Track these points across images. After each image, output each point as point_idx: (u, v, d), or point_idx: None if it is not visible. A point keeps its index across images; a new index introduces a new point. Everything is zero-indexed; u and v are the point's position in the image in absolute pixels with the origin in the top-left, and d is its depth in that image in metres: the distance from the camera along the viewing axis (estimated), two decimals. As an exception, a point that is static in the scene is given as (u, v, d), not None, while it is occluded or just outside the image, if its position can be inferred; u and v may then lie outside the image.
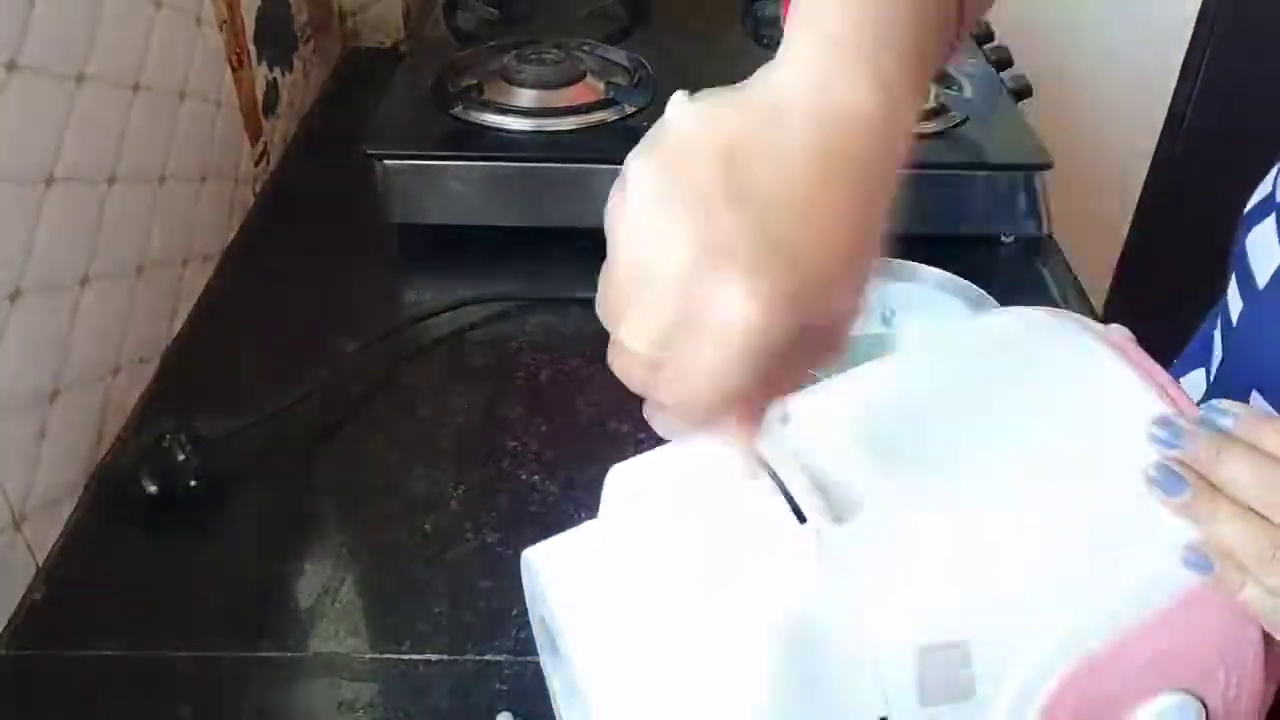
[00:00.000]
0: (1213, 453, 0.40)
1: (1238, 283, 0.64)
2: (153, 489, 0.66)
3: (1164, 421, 0.41)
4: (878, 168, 0.36)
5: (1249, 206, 0.64)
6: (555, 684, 0.48)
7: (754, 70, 0.37)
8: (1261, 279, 0.61)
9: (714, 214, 0.33)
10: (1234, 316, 0.63)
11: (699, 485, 0.42)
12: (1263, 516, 0.39)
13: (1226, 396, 0.61)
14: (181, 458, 0.66)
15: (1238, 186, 0.65)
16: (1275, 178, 0.61)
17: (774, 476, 0.40)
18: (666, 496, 0.42)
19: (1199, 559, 0.39)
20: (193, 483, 0.66)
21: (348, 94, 1.18)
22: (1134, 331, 0.48)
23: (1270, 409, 0.59)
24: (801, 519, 0.39)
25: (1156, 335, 0.70)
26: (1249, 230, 0.63)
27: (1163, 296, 0.68)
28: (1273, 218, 0.61)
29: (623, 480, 0.44)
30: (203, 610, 0.61)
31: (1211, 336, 0.67)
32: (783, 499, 0.39)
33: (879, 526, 0.39)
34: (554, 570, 0.42)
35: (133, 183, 0.74)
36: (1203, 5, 1.42)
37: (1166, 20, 1.43)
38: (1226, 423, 0.41)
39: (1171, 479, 0.40)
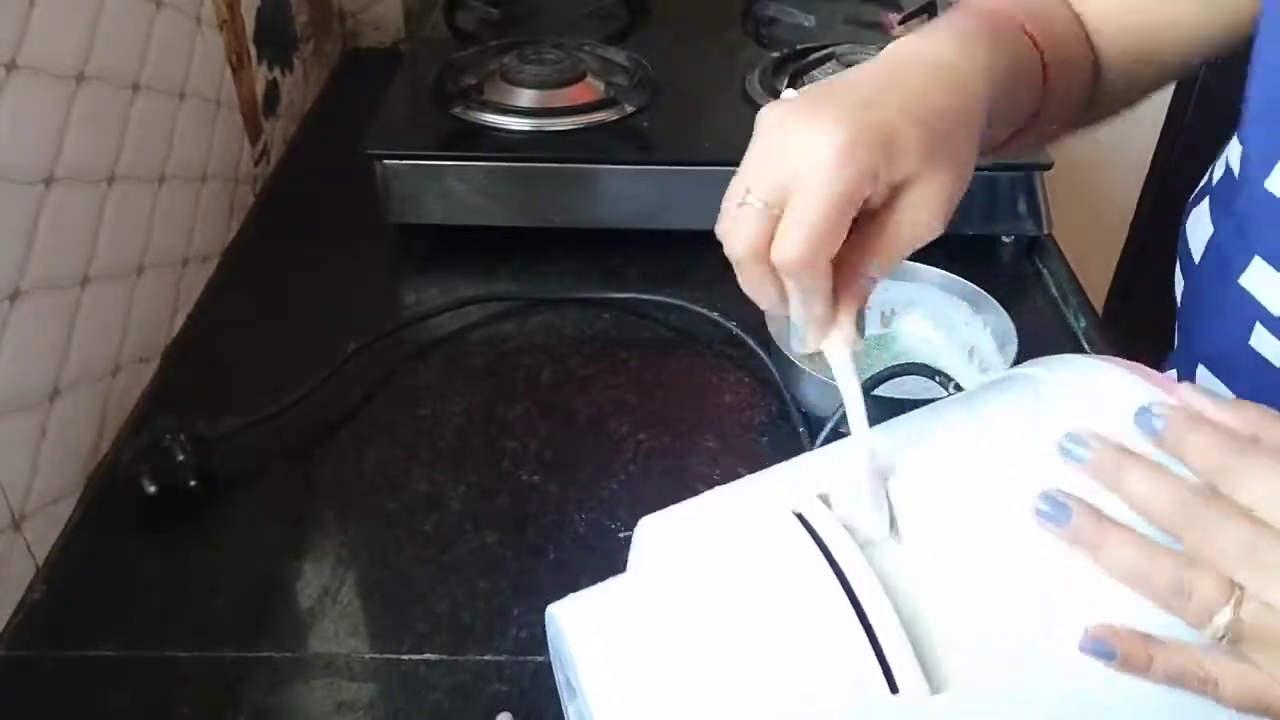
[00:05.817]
0: (1114, 467, 0.36)
1: (1180, 264, 0.65)
2: (153, 489, 0.66)
3: (1073, 435, 0.37)
4: (943, 88, 0.44)
5: (1191, 199, 0.65)
6: (570, 709, 0.47)
7: (754, 70, 0.45)
8: (1197, 254, 0.62)
9: (814, 95, 0.43)
10: (1179, 296, 0.64)
11: (738, 545, 0.39)
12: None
13: (1182, 377, 0.61)
14: (181, 458, 0.66)
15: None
16: (1211, 170, 0.63)
17: (847, 588, 0.36)
18: (703, 555, 0.39)
19: (1096, 645, 0.34)
20: (193, 483, 0.66)
21: (348, 94, 1.18)
22: (1134, 331, 0.48)
23: (1219, 383, 0.59)
24: (891, 681, 0.34)
25: (1156, 335, 0.70)
26: (1188, 215, 0.64)
27: (1163, 296, 0.68)
28: (1207, 200, 0.62)
29: (654, 533, 0.41)
30: (202, 610, 0.61)
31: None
32: (864, 636, 0.35)
33: (976, 707, 0.34)
34: (580, 628, 0.39)
35: (133, 183, 0.74)
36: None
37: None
38: (1158, 424, 0.36)
39: (1054, 506, 0.36)
